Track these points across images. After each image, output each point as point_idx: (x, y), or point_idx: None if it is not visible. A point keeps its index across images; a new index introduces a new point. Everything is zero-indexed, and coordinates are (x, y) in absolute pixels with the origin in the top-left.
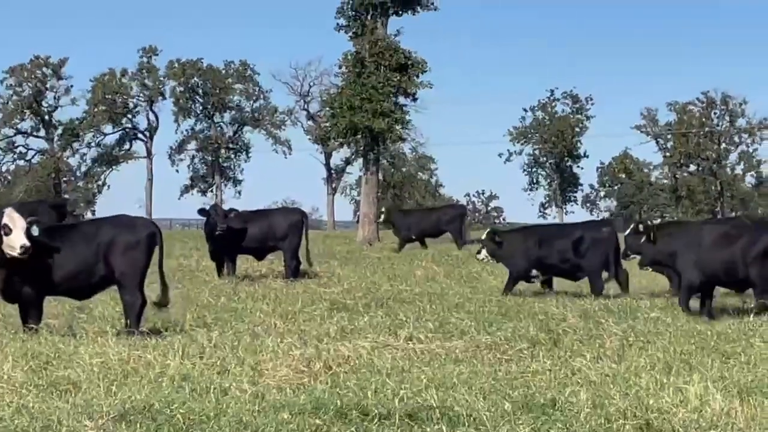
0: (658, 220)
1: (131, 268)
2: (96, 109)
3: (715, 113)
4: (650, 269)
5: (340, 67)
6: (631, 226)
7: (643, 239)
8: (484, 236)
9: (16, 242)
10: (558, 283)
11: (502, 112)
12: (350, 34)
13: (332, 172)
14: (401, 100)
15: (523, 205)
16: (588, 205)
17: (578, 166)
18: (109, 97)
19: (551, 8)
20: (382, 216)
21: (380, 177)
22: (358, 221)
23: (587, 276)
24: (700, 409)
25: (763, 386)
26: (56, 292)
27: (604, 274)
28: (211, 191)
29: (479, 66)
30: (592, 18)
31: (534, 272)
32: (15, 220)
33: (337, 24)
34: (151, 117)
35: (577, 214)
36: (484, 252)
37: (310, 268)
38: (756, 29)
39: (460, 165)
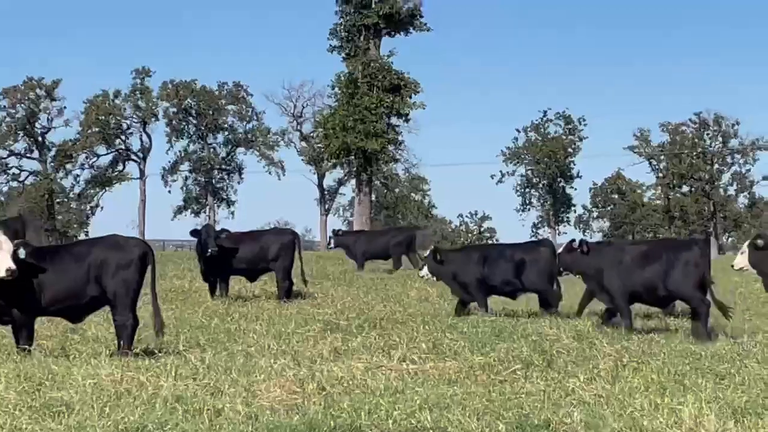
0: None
1: (123, 288)
2: (89, 131)
3: (707, 134)
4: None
5: (333, 88)
6: (566, 244)
7: (575, 256)
8: (426, 254)
9: (2, 265)
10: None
11: (495, 133)
12: (343, 55)
13: (325, 192)
14: (394, 120)
15: (515, 226)
16: (581, 225)
17: (571, 187)
18: (103, 118)
19: (544, 29)
20: (332, 241)
21: (373, 198)
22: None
23: (538, 294)
24: (694, 430)
25: (757, 407)
26: (48, 313)
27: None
28: (204, 212)
29: (472, 87)
30: (585, 39)
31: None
32: (1, 243)
33: (330, 45)
34: (145, 138)
35: (570, 234)
36: (425, 269)
37: (304, 289)
38: (748, 50)
39: (453, 186)
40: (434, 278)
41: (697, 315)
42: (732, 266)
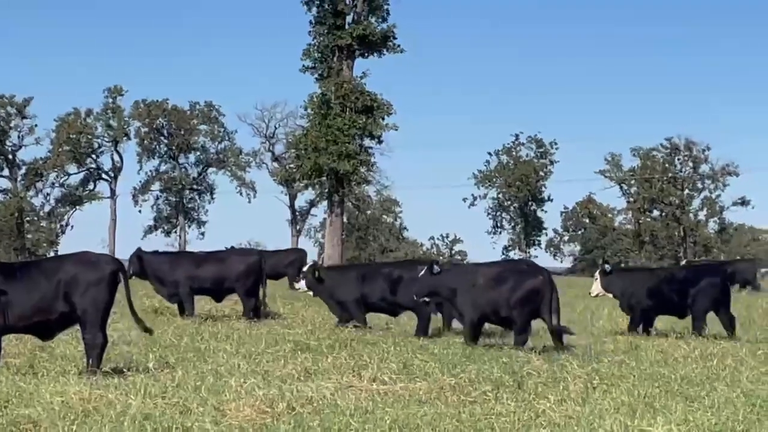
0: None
1: (93, 306)
2: (60, 149)
3: (678, 159)
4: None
5: (305, 109)
6: (426, 268)
7: (434, 279)
8: (305, 268)
9: None
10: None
11: (467, 156)
12: (316, 75)
13: (297, 214)
14: (366, 142)
15: (486, 249)
16: (552, 249)
17: (542, 210)
18: (74, 137)
19: (517, 52)
20: None
21: (345, 219)
22: (322, 263)
23: (414, 312)
24: None
25: (726, 430)
26: (16, 330)
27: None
28: (175, 232)
29: (444, 109)
30: (558, 63)
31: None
32: None
33: (303, 65)
34: (116, 157)
35: (540, 258)
36: (302, 283)
37: (270, 309)
38: (720, 76)
39: (424, 208)
40: (311, 293)
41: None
42: (590, 293)
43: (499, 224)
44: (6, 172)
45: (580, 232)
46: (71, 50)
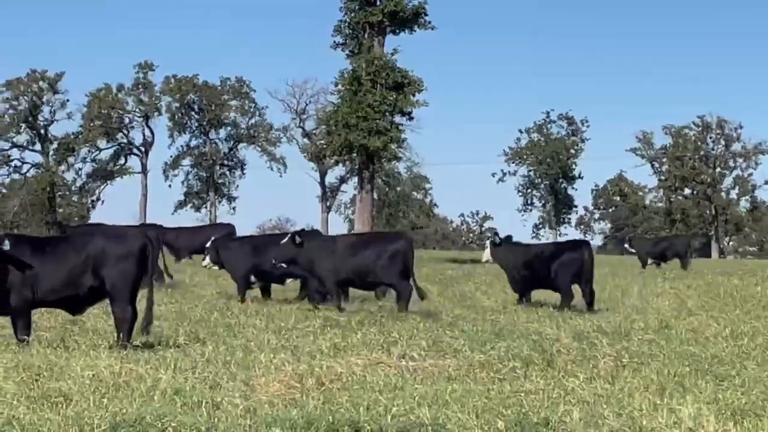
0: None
1: (122, 280)
2: (92, 124)
3: (710, 137)
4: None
5: (336, 85)
6: (288, 237)
7: (295, 249)
8: (209, 244)
9: None
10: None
11: (498, 133)
12: (347, 52)
13: (327, 190)
14: (397, 119)
15: (516, 226)
16: (582, 227)
17: (573, 188)
18: (105, 112)
19: (548, 29)
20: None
21: (375, 196)
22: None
23: (310, 285)
24: (693, 430)
25: (756, 408)
26: (45, 304)
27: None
28: (205, 207)
29: (475, 86)
30: (590, 40)
31: (252, 278)
32: None
33: (334, 42)
34: (147, 132)
35: (571, 236)
36: (207, 259)
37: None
38: (752, 54)
39: (454, 185)
40: (217, 267)
41: (400, 297)
42: (481, 261)
43: (529, 202)
44: (38, 146)
45: (610, 210)
46: (103, 25)
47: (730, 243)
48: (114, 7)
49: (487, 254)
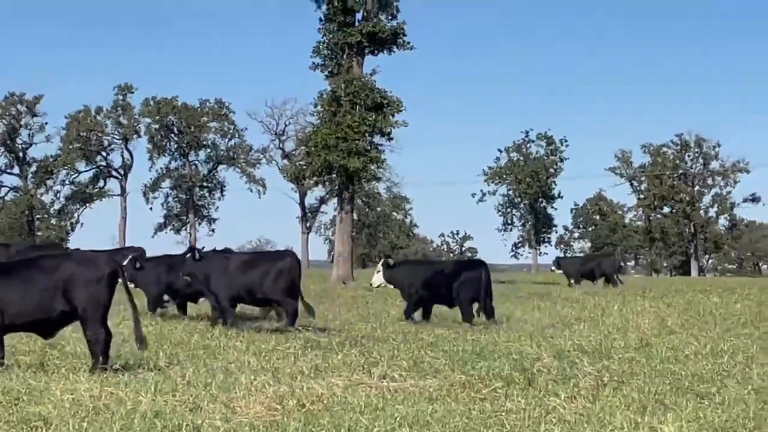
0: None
1: (93, 303)
2: (70, 147)
3: (689, 155)
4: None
5: (315, 106)
6: (190, 253)
7: (195, 264)
8: (126, 262)
9: None
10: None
11: (477, 153)
12: (326, 73)
13: (307, 211)
14: (376, 139)
15: (497, 246)
16: (562, 246)
17: (552, 207)
18: (84, 134)
19: (527, 49)
20: None
21: (355, 216)
22: (332, 260)
23: (209, 301)
24: None
25: (737, 426)
26: (16, 328)
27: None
28: (185, 229)
29: (454, 106)
30: (569, 60)
31: (165, 297)
32: None
33: (313, 63)
34: (126, 155)
35: (551, 255)
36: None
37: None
38: (730, 73)
39: (434, 205)
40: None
41: (287, 314)
42: (371, 284)
43: (509, 221)
44: (16, 169)
45: (590, 229)
46: (81, 48)
47: (710, 261)
48: (93, 30)
49: (378, 278)
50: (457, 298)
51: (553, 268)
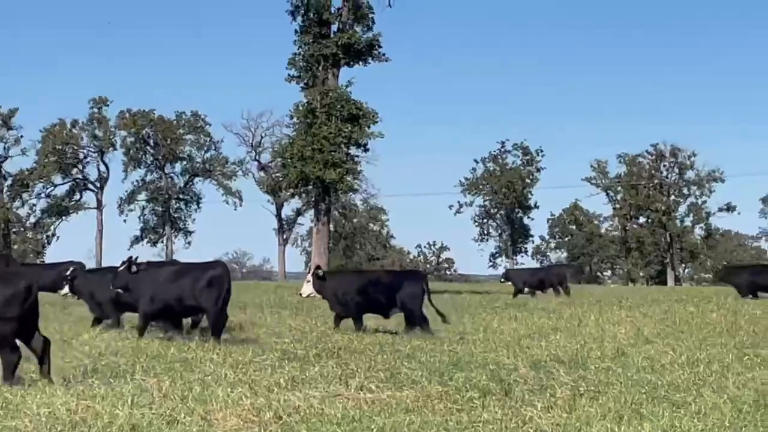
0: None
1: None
2: (46, 160)
3: (664, 165)
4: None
5: (291, 118)
6: (125, 264)
7: (129, 276)
8: (68, 273)
9: None
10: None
11: (453, 164)
12: (302, 85)
13: (283, 222)
14: (352, 150)
15: (474, 256)
16: (538, 256)
17: (529, 217)
18: (59, 147)
19: (503, 59)
20: None
21: (331, 228)
22: (309, 272)
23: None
24: None
25: None
26: None
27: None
28: (161, 242)
29: (430, 117)
30: (544, 70)
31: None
32: None
33: (289, 75)
34: (102, 168)
35: (527, 265)
36: (67, 288)
37: (261, 318)
38: (705, 83)
39: (411, 216)
40: (75, 297)
41: (210, 324)
42: (300, 294)
43: (486, 232)
44: None
45: (566, 239)
46: (56, 61)
47: (686, 270)
48: (67, 43)
49: (308, 288)
50: (403, 307)
51: (503, 279)
